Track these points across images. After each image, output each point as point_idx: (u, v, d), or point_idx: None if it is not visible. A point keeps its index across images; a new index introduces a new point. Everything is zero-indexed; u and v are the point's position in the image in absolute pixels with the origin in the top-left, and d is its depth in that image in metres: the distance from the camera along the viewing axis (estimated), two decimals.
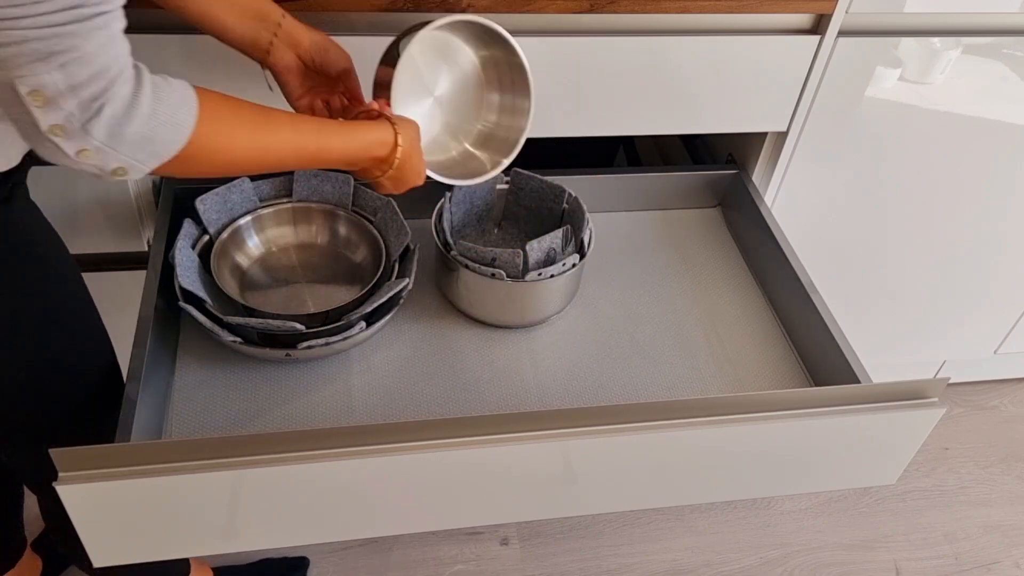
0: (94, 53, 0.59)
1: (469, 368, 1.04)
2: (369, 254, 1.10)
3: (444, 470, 0.80)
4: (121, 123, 0.62)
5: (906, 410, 0.87)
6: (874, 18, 1.13)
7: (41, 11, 0.56)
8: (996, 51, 1.22)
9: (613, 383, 1.04)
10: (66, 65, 0.58)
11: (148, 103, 0.64)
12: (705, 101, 1.15)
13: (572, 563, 1.52)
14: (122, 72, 0.62)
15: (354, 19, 1.01)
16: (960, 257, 1.50)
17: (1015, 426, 1.85)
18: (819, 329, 1.02)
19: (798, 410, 0.85)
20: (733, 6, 1.06)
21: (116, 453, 0.73)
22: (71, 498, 0.73)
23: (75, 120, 0.60)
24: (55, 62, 0.58)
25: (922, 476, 1.73)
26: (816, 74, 1.15)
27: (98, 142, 0.62)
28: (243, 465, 0.75)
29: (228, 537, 0.82)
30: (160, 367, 0.95)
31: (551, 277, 1.04)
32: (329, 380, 1.01)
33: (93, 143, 0.62)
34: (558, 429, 0.80)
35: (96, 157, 0.63)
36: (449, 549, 1.52)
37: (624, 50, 1.07)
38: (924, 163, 1.33)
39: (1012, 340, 1.71)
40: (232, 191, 1.08)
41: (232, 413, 0.96)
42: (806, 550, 1.58)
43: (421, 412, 0.98)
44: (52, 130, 0.60)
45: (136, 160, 0.65)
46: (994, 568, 1.59)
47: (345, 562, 1.48)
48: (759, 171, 1.28)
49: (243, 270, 1.08)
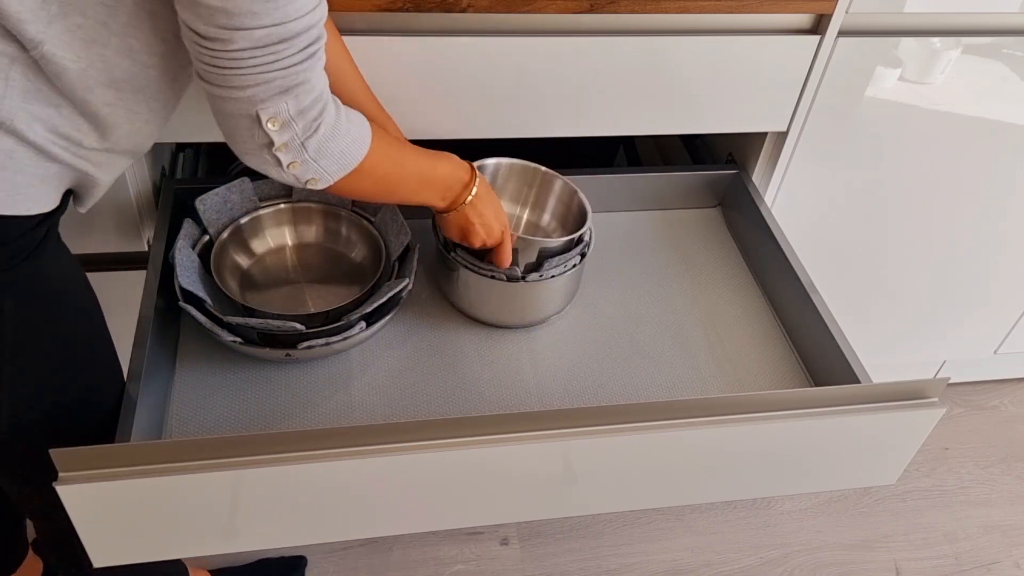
0: (316, 80, 0.71)
1: (469, 368, 1.04)
2: (369, 254, 1.10)
3: (444, 470, 0.80)
4: (328, 140, 0.75)
5: (906, 410, 0.87)
6: (874, 18, 1.13)
7: (287, 54, 0.67)
8: (996, 51, 1.22)
9: (613, 383, 1.04)
10: (298, 95, 0.70)
11: (344, 123, 0.77)
12: (705, 101, 1.15)
13: (572, 563, 1.52)
14: (328, 95, 0.74)
15: (354, 19, 1.01)
16: (960, 257, 1.50)
17: (1015, 426, 1.85)
18: (819, 329, 1.02)
19: (798, 410, 0.85)
20: (733, 6, 1.06)
21: (116, 453, 0.73)
22: (71, 498, 0.73)
23: (298, 138, 0.73)
24: (291, 94, 0.70)
25: (922, 476, 1.73)
26: (816, 74, 1.15)
27: (308, 156, 0.75)
28: (243, 465, 0.75)
29: (228, 537, 0.82)
30: (160, 367, 0.95)
31: (551, 277, 1.04)
32: (329, 380, 1.01)
33: (304, 156, 0.74)
34: (558, 429, 0.80)
35: (301, 168, 0.76)
36: (449, 549, 1.52)
37: (624, 50, 1.07)
38: (924, 163, 1.33)
39: (1012, 340, 1.71)
40: (232, 191, 1.08)
41: (232, 413, 0.96)
42: (806, 550, 1.58)
43: (421, 412, 0.98)
44: (280, 147, 0.72)
45: (328, 172, 0.78)
46: (994, 568, 1.59)
47: (345, 562, 1.48)
48: (759, 171, 1.28)
49: (243, 270, 1.08)
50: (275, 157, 0.74)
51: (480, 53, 1.04)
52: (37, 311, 0.77)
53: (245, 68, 0.67)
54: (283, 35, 0.67)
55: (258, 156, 0.74)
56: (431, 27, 1.02)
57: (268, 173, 0.77)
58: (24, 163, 0.70)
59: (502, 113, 1.11)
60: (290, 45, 0.67)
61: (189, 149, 1.29)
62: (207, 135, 1.08)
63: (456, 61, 1.04)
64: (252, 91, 0.68)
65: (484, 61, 1.05)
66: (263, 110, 0.69)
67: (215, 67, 0.68)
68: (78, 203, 0.81)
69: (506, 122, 1.12)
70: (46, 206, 0.74)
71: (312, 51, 0.69)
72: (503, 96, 1.09)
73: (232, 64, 0.67)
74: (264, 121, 0.70)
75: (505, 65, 1.06)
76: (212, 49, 0.67)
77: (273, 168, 0.76)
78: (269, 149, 0.73)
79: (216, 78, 0.69)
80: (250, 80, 0.68)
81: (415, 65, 1.04)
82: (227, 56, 0.67)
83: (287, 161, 0.74)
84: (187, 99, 1.01)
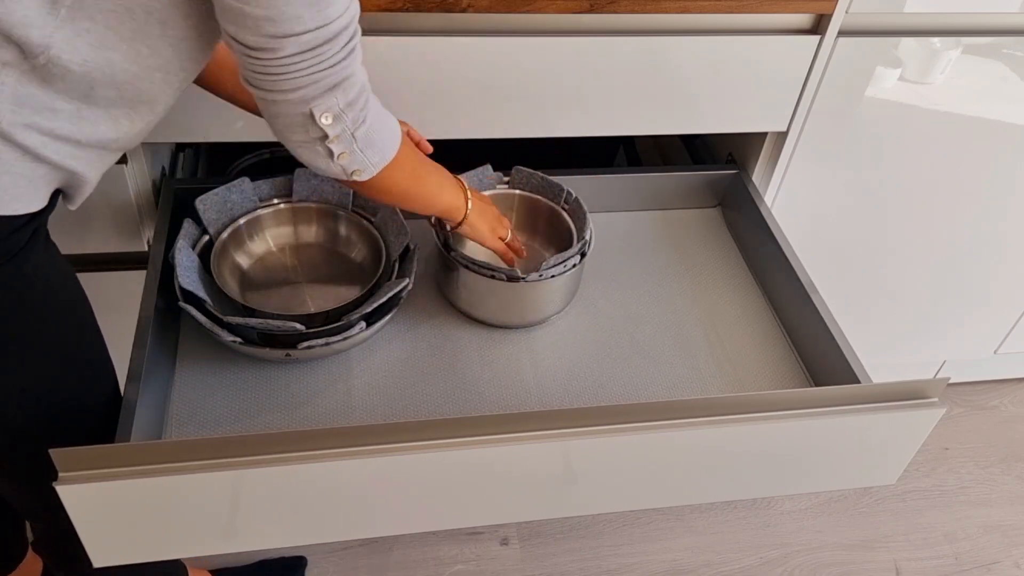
0: (359, 72, 0.75)
1: (469, 368, 1.04)
2: (369, 254, 1.10)
3: (444, 470, 0.80)
4: (374, 130, 0.79)
5: (906, 410, 0.87)
6: (874, 18, 1.13)
7: (331, 53, 0.71)
8: (996, 51, 1.22)
9: (613, 383, 1.04)
10: (346, 88, 0.74)
11: (383, 114, 0.81)
12: (705, 101, 1.15)
13: (572, 563, 1.52)
14: (368, 86, 0.78)
15: None
16: (960, 257, 1.50)
17: (1015, 426, 1.85)
18: (819, 329, 1.02)
19: (798, 410, 0.85)
20: (733, 6, 1.06)
21: (116, 453, 0.73)
22: (71, 498, 0.73)
23: (348, 128, 0.76)
24: (340, 88, 0.73)
25: (922, 476, 1.73)
26: (816, 74, 1.15)
27: (357, 146, 0.78)
28: (243, 465, 0.75)
29: (228, 537, 0.82)
30: (160, 367, 0.95)
31: (551, 277, 1.04)
32: (329, 380, 1.01)
33: (354, 146, 0.78)
34: (558, 429, 0.80)
35: (350, 159, 0.79)
36: (449, 549, 1.52)
37: (624, 50, 1.07)
38: (924, 163, 1.33)
39: (1012, 340, 1.71)
40: (232, 191, 1.08)
41: (232, 413, 0.96)
42: (806, 550, 1.58)
43: (421, 412, 0.98)
44: (333, 139, 0.76)
45: (371, 162, 0.81)
46: (994, 568, 1.59)
47: (345, 562, 1.48)
48: (759, 171, 1.28)
49: (243, 270, 1.08)
50: (327, 149, 0.77)
51: (480, 53, 1.04)
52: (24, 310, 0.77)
53: (295, 72, 0.71)
54: (327, 36, 0.70)
55: (311, 149, 0.78)
56: (431, 27, 1.02)
57: (317, 165, 0.80)
58: (11, 164, 0.70)
59: (502, 113, 1.11)
60: (334, 44, 0.71)
61: (189, 149, 1.29)
62: (207, 135, 1.08)
63: (456, 61, 1.04)
64: (303, 92, 0.72)
65: (484, 61, 1.05)
66: (316, 107, 0.73)
67: (266, 75, 0.71)
68: (68, 201, 0.80)
69: (506, 122, 1.12)
70: (34, 206, 0.74)
71: (352, 46, 0.73)
72: (503, 96, 1.09)
73: (282, 70, 0.70)
74: (318, 117, 0.74)
75: (505, 65, 1.06)
76: (262, 59, 0.70)
77: (323, 159, 0.79)
78: (323, 142, 0.77)
79: (267, 84, 0.72)
80: (301, 82, 0.71)
81: (415, 65, 1.04)
82: (277, 63, 0.70)
83: (338, 152, 0.78)
84: (187, 100, 1.02)
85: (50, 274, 0.80)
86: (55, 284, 0.81)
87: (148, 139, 1.06)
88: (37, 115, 0.69)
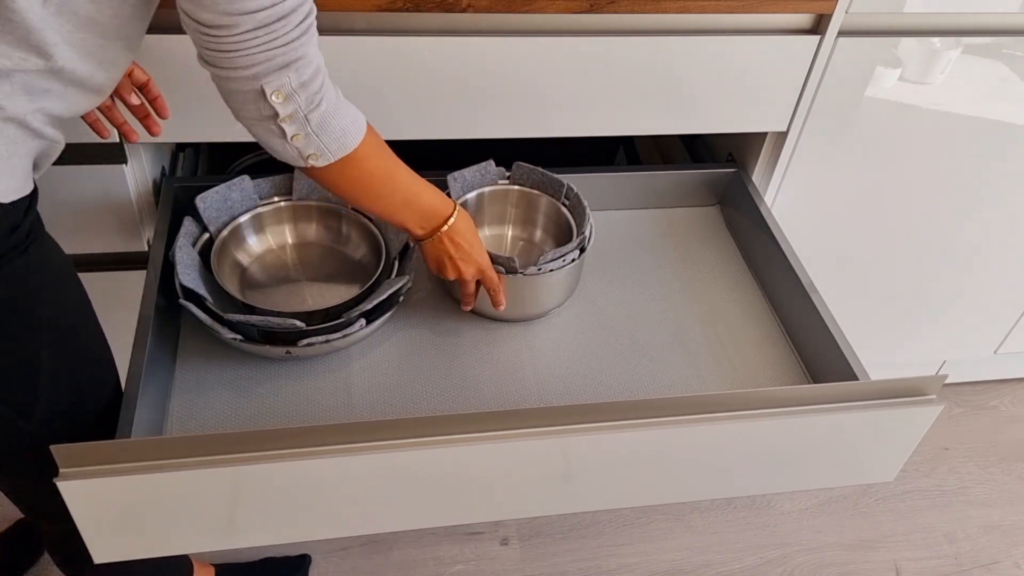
0: (313, 54, 0.76)
1: (468, 365, 1.04)
2: (369, 252, 1.10)
3: (443, 467, 0.80)
4: (330, 116, 0.79)
5: (904, 407, 0.87)
6: (874, 18, 1.13)
7: (285, 30, 0.72)
8: (996, 51, 1.22)
9: (612, 379, 1.04)
10: (299, 68, 0.74)
11: (344, 104, 0.81)
12: (705, 101, 1.15)
13: (572, 563, 1.52)
14: (325, 72, 0.78)
15: (354, 19, 1.01)
16: (960, 257, 1.50)
17: (1015, 426, 1.85)
18: (819, 328, 1.03)
19: (797, 407, 0.85)
20: (733, 6, 1.06)
21: (117, 449, 0.73)
22: (72, 494, 0.73)
23: (301, 110, 0.77)
24: (292, 67, 0.74)
25: (922, 476, 1.73)
26: (816, 74, 1.15)
27: (311, 129, 0.79)
28: (243, 462, 0.75)
29: (228, 533, 0.82)
30: (160, 365, 0.96)
31: (549, 271, 1.04)
32: (329, 377, 1.01)
33: (308, 130, 0.79)
34: (557, 426, 0.80)
35: (304, 141, 0.80)
36: (449, 549, 1.52)
37: (624, 50, 1.07)
38: (924, 163, 1.33)
39: (1012, 340, 1.71)
40: (232, 189, 1.08)
41: (232, 410, 0.96)
42: (806, 550, 1.58)
43: (421, 409, 0.98)
44: (284, 119, 0.77)
45: (328, 149, 0.81)
46: (994, 568, 1.59)
47: (345, 562, 1.48)
48: (759, 171, 1.28)
49: (243, 268, 1.08)
50: (280, 128, 0.78)
51: (480, 53, 1.04)
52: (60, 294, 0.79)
53: (248, 48, 0.72)
54: (281, 13, 0.71)
55: (263, 127, 0.78)
56: (431, 27, 1.03)
57: (272, 146, 0.81)
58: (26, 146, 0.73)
59: (502, 113, 1.11)
60: (287, 22, 0.71)
61: (189, 148, 1.29)
62: (207, 135, 1.09)
63: (456, 61, 1.05)
64: (256, 69, 0.73)
65: (484, 61, 1.05)
66: (267, 84, 0.74)
67: (220, 51, 0.72)
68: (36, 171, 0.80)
69: (506, 122, 1.12)
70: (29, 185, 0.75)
71: (307, 26, 0.74)
72: (503, 96, 1.09)
73: (236, 47, 0.71)
74: (269, 94, 0.75)
75: (505, 65, 1.06)
76: (217, 36, 0.71)
77: (278, 140, 0.79)
78: (275, 120, 0.77)
79: (221, 61, 0.73)
80: (253, 59, 0.72)
81: (415, 65, 1.04)
82: (231, 40, 0.71)
83: (291, 133, 0.78)
84: (187, 100, 1.02)
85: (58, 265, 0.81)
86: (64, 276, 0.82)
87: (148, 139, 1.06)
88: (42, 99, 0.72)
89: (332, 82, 0.80)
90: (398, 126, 1.09)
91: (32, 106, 0.71)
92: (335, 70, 0.80)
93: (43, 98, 0.72)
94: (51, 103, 0.73)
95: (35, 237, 0.76)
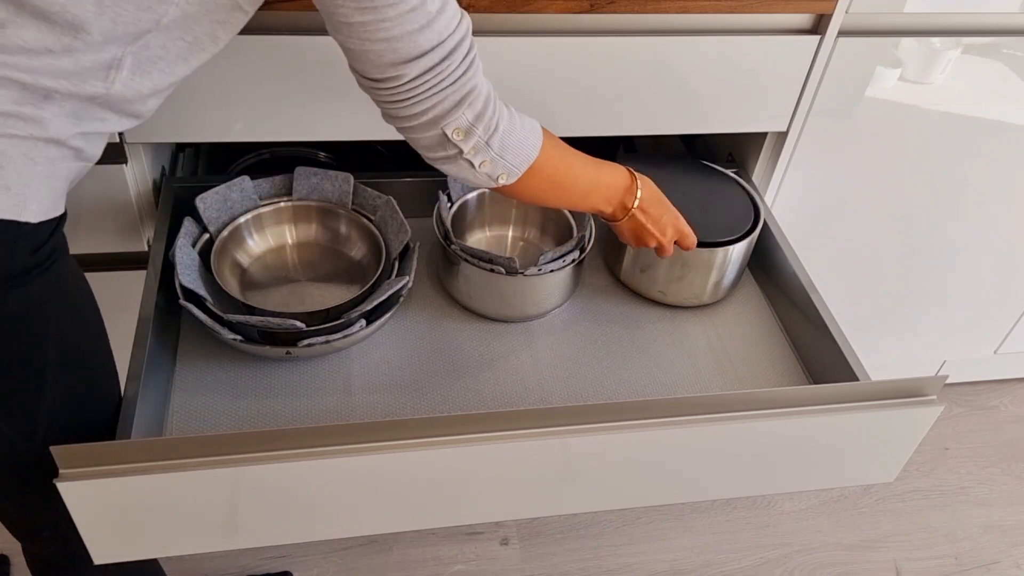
0: (482, 84, 0.78)
1: (469, 365, 1.04)
2: (369, 252, 1.10)
3: (444, 467, 0.80)
4: (508, 135, 0.81)
5: (905, 407, 0.87)
6: (874, 18, 1.13)
7: (451, 69, 0.74)
8: (996, 51, 1.22)
9: (612, 380, 1.04)
10: (472, 102, 0.77)
11: (517, 118, 0.83)
12: (705, 101, 1.15)
13: (572, 563, 1.52)
14: (495, 95, 0.80)
15: None
16: (960, 257, 1.50)
17: (1015, 426, 1.86)
18: (819, 328, 1.03)
19: (797, 408, 0.85)
20: (733, 6, 1.06)
21: (117, 450, 0.73)
22: (72, 495, 0.73)
23: (482, 139, 0.79)
24: (465, 103, 0.76)
25: (922, 476, 1.73)
26: (816, 74, 1.15)
27: (495, 153, 0.81)
28: (243, 462, 0.75)
29: (228, 534, 0.82)
30: (160, 365, 0.95)
31: (550, 272, 1.04)
32: (329, 378, 1.01)
33: (492, 154, 0.81)
34: (557, 426, 0.80)
35: (491, 166, 0.82)
36: (449, 549, 1.52)
37: (624, 50, 1.07)
38: (924, 163, 1.33)
39: (1012, 340, 1.71)
40: (232, 189, 1.08)
41: (232, 411, 0.96)
42: (806, 550, 1.58)
43: (421, 409, 0.98)
44: (469, 152, 0.80)
45: (514, 165, 0.84)
46: (994, 568, 1.59)
47: (345, 562, 1.48)
48: (759, 171, 1.28)
49: (243, 268, 1.08)
50: (468, 161, 0.81)
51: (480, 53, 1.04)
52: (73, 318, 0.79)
53: (420, 95, 0.75)
54: (444, 54, 0.73)
55: (455, 164, 0.81)
56: None
57: (466, 178, 0.84)
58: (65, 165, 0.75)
59: None
60: (452, 60, 0.74)
61: (189, 149, 1.29)
62: (207, 135, 1.08)
63: None
64: (432, 113, 0.76)
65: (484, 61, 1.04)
66: (447, 125, 0.77)
67: (396, 102, 0.76)
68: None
69: None
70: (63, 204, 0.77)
71: (470, 59, 0.76)
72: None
73: (409, 95, 0.75)
74: (450, 135, 0.78)
75: (505, 65, 1.06)
76: (390, 88, 0.74)
77: (469, 171, 0.82)
78: (462, 155, 0.80)
79: (400, 111, 0.77)
80: (427, 103, 0.75)
81: None
82: (401, 90, 0.74)
83: (478, 161, 0.81)
84: (187, 100, 1.02)
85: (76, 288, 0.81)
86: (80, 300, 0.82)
87: (148, 139, 1.07)
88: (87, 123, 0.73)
89: (502, 101, 0.82)
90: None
91: (76, 129, 0.72)
92: (335, 71, 0.81)
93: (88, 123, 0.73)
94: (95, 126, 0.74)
95: (57, 258, 0.76)
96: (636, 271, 1.13)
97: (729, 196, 1.18)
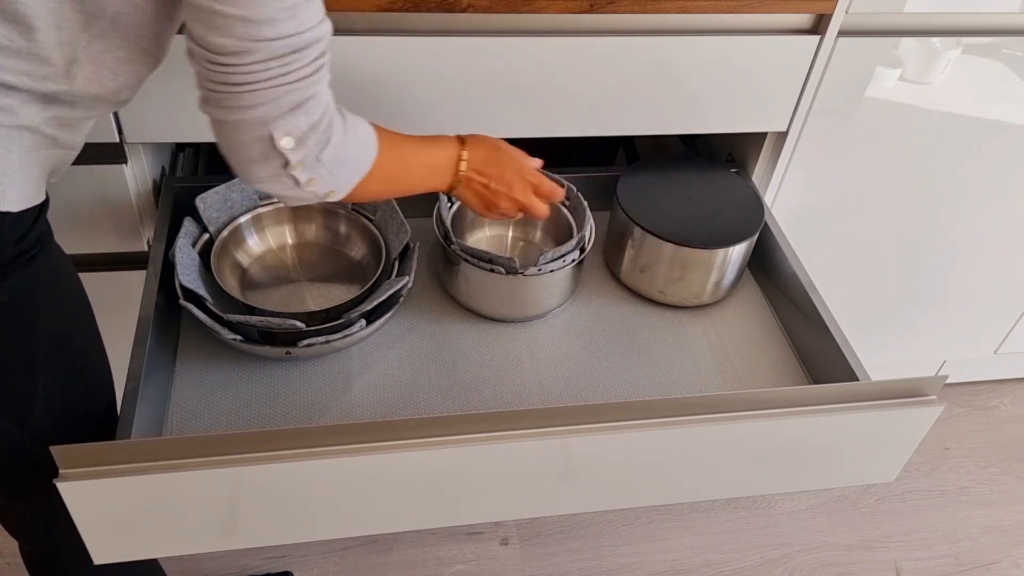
0: (323, 93, 0.71)
1: (469, 365, 1.04)
2: (369, 252, 1.10)
3: (444, 467, 0.80)
4: (341, 148, 0.73)
5: (905, 407, 0.87)
6: (874, 18, 1.13)
7: (299, 66, 0.67)
8: (996, 51, 1.22)
9: (612, 380, 1.04)
10: (309, 110, 0.69)
11: (352, 128, 0.75)
12: (705, 101, 1.15)
13: (572, 563, 1.52)
14: (333, 107, 0.73)
15: (354, 19, 1.01)
16: (960, 257, 1.50)
17: (1015, 426, 1.85)
18: (819, 328, 1.03)
19: (797, 408, 0.85)
20: (733, 6, 1.06)
21: (116, 450, 0.73)
22: (72, 495, 0.73)
23: (312, 152, 0.71)
24: (303, 108, 0.68)
25: (922, 476, 1.73)
26: (816, 74, 1.15)
27: (325, 169, 0.73)
28: (243, 462, 0.75)
29: (228, 534, 0.82)
30: (160, 365, 0.96)
31: (550, 272, 1.04)
32: (329, 378, 1.01)
33: (322, 170, 0.73)
34: (557, 426, 0.80)
35: (319, 183, 0.74)
36: (449, 549, 1.52)
37: (624, 50, 1.07)
38: (924, 163, 1.33)
39: (1012, 340, 1.71)
40: (232, 189, 1.08)
41: (232, 411, 0.96)
42: (806, 550, 1.58)
43: (421, 409, 0.98)
44: (296, 166, 0.71)
45: (345, 180, 0.76)
46: (994, 568, 1.59)
47: (345, 562, 1.48)
48: (759, 171, 1.28)
49: (243, 268, 1.08)
50: (292, 178, 0.72)
51: (480, 53, 1.04)
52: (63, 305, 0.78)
53: (259, 82, 0.66)
54: (297, 46, 0.66)
55: (275, 181, 0.73)
56: (431, 27, 1.03)
57: (285, 196, 0.75)
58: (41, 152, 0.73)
59: (502, 113, 1.11)
60: (303, 56, 0.67)
61: (189, 149, 1.29)
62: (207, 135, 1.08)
63: (456, 61, 1.05)
64: (264, 109, 0.67)
65: (484, 61, 1.05)
66: (276, 128, 0.68)
67: (227, 84, 0.67)
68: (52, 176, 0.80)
69: (506, 122, 1.12)
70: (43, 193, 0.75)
71: (321, 63, 0.69)
72: (503, 96, 1.09)
73: (245, 79, 0.66)
74: (278, 140, 0.69)
75: (505, 65, 1.06)
76: (227, 64, 0.66)
77: (291, 190, 0.74)
78: (285, 170, 0.71)
79: (227, 99, 0.68)
80: (263, 96, 0.67)
81: (415, 65, 1.04)
82: (241, 71, 0.66)
83: (305, 179, 0.73)
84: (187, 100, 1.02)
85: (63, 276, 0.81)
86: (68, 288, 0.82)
87: (148, 139, 1.06)
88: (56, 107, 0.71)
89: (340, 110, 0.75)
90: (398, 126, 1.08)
91: (46, 114, 0.70)
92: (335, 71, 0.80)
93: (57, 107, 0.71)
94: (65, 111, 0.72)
95: (42, 246, 0.75)
96: (636, 271, 1.13)
97: (729, 196, 1.18)
